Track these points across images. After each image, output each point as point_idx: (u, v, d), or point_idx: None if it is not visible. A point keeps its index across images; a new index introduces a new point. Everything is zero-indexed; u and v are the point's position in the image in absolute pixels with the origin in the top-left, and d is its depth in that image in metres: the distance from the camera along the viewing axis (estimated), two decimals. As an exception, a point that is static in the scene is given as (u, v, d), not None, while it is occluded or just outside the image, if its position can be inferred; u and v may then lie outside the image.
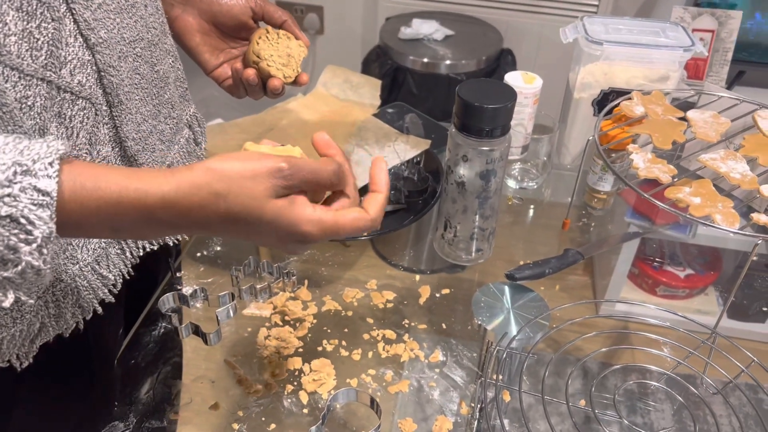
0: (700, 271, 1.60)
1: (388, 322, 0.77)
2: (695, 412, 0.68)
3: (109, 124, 0.56)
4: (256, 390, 0.68)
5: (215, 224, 0.45)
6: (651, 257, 1.67)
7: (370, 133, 1.00)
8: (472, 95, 0.73)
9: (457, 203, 0.81)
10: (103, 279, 0.59)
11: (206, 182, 0.43)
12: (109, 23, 0.53)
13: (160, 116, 0.63)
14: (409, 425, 0.65)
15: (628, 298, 1.70)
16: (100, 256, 0.58)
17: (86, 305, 0.57)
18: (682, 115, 0.84)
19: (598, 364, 0.75)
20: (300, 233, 0.47)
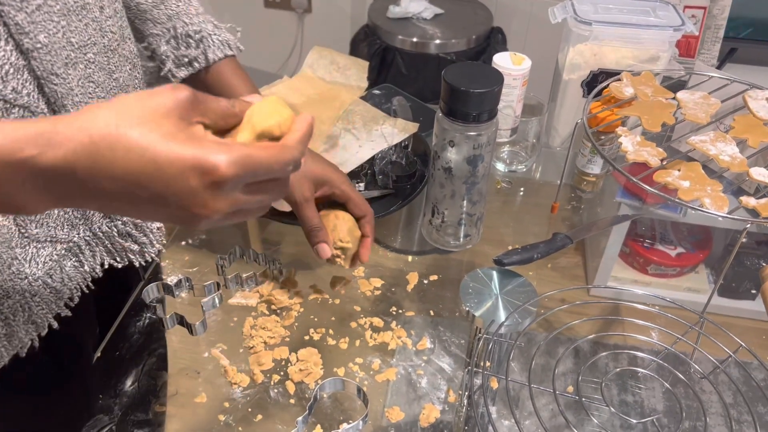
0: (691, 249, 1.60)
1: (376, 309, 0.76)
2: (685, 395, 0.68)
3: None
4: (242, 381, 0.67)
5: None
6: (642, 236, 1.67)
7: (358, 116, 0.99)
8: (459, 79, 0.72)
9: (444, 189, 0.80)
10: (56, 293, 0.57)
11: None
12: (51, 26, 0.49)
13: None
14: (396, 414, 0.65)
15: (619, 277, 1.71)
16: (52, 269, 0.56)
17: (40, 321, 0.55)
18: (672, 96, 0.83)
19: (588, 348, 0.75)
20: (202, 166, 0.35)
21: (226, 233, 0.88)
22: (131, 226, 0.62)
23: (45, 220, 0.55)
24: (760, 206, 0.68)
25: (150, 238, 0.65)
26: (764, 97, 0.82)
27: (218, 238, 0.86)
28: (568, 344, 0.72)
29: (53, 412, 0.64)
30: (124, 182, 0.35)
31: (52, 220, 0.55)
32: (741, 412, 0.70)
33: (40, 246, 0.55)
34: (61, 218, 0.56)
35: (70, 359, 0.67)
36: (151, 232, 0.65)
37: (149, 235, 0.65)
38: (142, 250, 0.64)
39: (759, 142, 0.76)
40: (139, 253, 0.64)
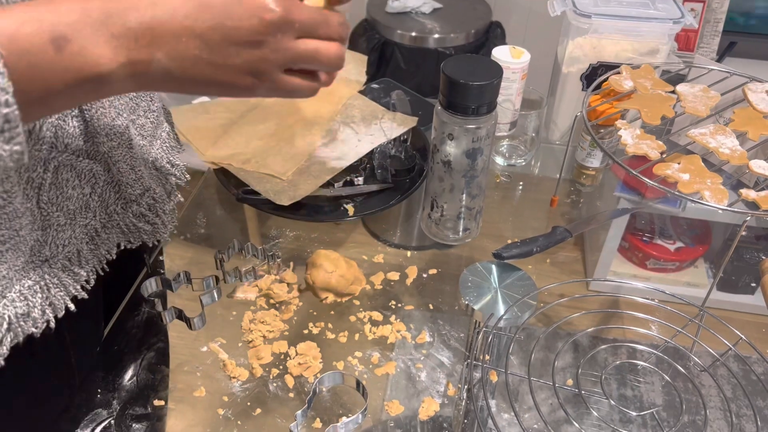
0: (690, 243, 1.60)
1: (375, 303, 0.76)
2: (684, 388, 0.68)
3: (79, 117, 0.54)
4: (241, 375, 0.67)
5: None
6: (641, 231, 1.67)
7: (356, 110, 0.98)
8: (458, 72, 0.72)
9: (443, 182, 0.80)
10: (75, 275, 0.57)
11: None
12: None
13: (139, 109, 0.61)
14: (395, 407, 0.65)
15: (618, 272, 1.71)
16: (70, 252, 0.57)
17: (58, 303, 0.56)
18: (672, 89, 0.83)
19: (587, 342, 0.75)
20: (262, 5, 0.42)
21: (224, 228, 0.88)
22: (145, 207, 0.63)
23: (65, 203, 0.55)
24: (760, 199, 0.68)
25: (163, 220, 0.65)
26: (764, 90, 0.82)
27: (217, 233, 0.86)
28: (567, 338, 0.72)
29: (52, 406, 0.64)
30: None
31: (72, 203, 0.56)
32: (740, 406, 0.70)
33: (60, 229, 0.56)
34: (80, 200, 0.57)
35: (77, 355, 0.67)
36: (164, 213, 0.66)
37: (162, 216, 0.65)
38: (154, 230, 0.65)
39: (759, 135, 0.76)
40: (152, 233, 0.65)
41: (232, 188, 0.85)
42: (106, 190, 0.59)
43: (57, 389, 0.64)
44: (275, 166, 0.86)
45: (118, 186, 0.59)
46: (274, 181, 0.84)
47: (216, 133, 0.92)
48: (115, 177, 0.59)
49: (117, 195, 0.60)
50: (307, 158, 0.88)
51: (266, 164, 0.87)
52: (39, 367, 0.61)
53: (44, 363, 0.61)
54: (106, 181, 0.59)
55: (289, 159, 0.88)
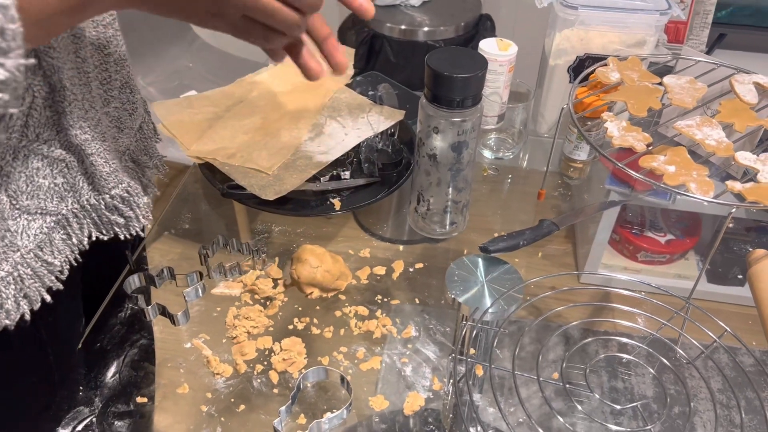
0: (680, 236, 1.60)
1: (361, 298, 0.75)
2: (671, 381, 0.68)
3: (52, 108, 0.53)
4: (224, 371, 0.67)
5: None
6: (632, 223, 1.67)
7: (343, 104, 0.98)
8: (442, 65, 0.71)
9: (429, 176, 0.79)
10: (48, 266, 0.56)
11: None
12: None
13: (114, 101, 0.60)
14: (380, 402, 0.65)
15: (609, 264, 1.71)
16: (42, 242, 0.56)
17: (32, 294, 0.55)
18: (659, 80, 0.82)
19: (574, 335, 0.74)
20: None
21: (209, 223, 0.87)
22: (119, 199, 0.62)
23: (35, 192, 0.55)
24: (745, 191, 0.68)
25: (136, 213, 0.64)
26: (750, 81, 0.81)
27: (201, 228, 0.85)
28: (554, 331, 0.71)
29: (31, 405, 0.63)
30: None
31: (43, 192, 0.55)
32: (728, 398, 0.70)
33: (30, 218, 0.55)
34: (51, 190, 0.56)
35: (56, 354, 0.66)
36: (137, 207, 0.64)
37: (135, 209, 0.64)
38: (127, 224, 0.64)
39: (745, 127, 0.76)
40: (125, 226, 0.64)
41: (217, 183, 0.84)
42: (79, 180, 0.58)
43: (35, 387, 0.63)
44: (261, 161, 0.85)
45: (91, 177, 0.59)
46: (259, 175, 0.84)
47: (201, 127, 0.91)
48: (88, 168, 0.58)
49: (90, 186, 0.60)
50: (293, 152, 0.88)
51: (251, 159, 0.86)
52: (15, 365, 0.60)
53: (20, 361, 0.60)
54: (80, 171, 0.58)
55: (274, 153, 0.87)
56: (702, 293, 1.57)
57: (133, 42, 1.57)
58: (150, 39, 1.57)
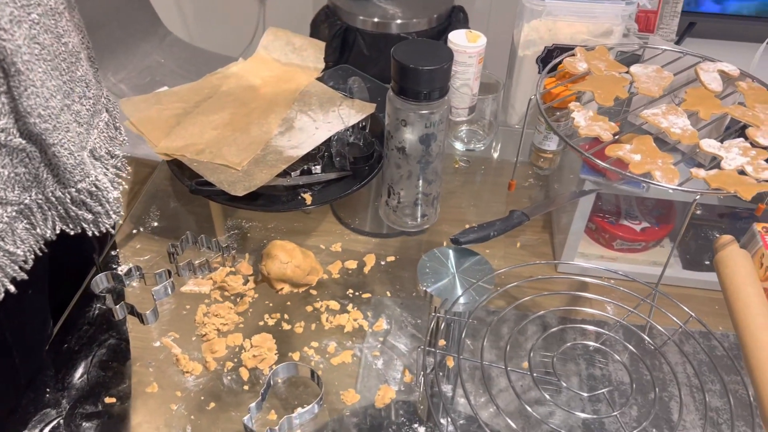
0: (655, 224, 1.61)
1: (332, 293, 0.75)
2: (637, 368, 0.69)
3: (8, 94, 0.52)
4: (194, 369, 0.66)
5: None
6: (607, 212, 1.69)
7: (314, 98, 0.97)
8: (408, 57, 0.71)
9: (399, 169, 0.79)
10: (10, 255, 0.56)
11: None
12: None
13: (74, 95, 0.59)
14: (351, 396, 0.65)
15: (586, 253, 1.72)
16: (3, 232, 0.55)
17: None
18: (626, 70, 0.83)
19: (543, 324, 0.75)
20: None
21: (178, 220, 0.86)
22: (86, 194, 0.61)
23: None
24: (709, 177, 0.68)
25: (106, 209, 0.63)
26: (715, 69, 0.82)
27: (170, 225, 0.84)
28: (522, 320, 0.72)
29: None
30: None
31: (2, 182, 0.54)
32: (695, 383, 0.71)
33: None
34: (12, 180, 0.55)
35: (20, 354, 0.66)
36: (107, 202, 0.63)
37: (105, 205, 0.63)
38: (96, 219, 0.63)
39: (710, 114, 0.77)
40: (93, 222, 0.63)
41: (185, 180, 0.83)
42: (43, 172, 0.57)
43: (0, 391, 0.63)
44: (230, 156, 0.85)
45: (56, 169, 0.58)
46: (228, 171, 0.83)
47: (169, 123, 0.90)
48: (51, 159, 0.57)
49: (55, 178, 0.59)
50: (262, 147, 0.87)
51: (220, 154, 0.85)
52: None
53: None
54: (43, 162, 0.57)
55: (244, 149, 0.86)
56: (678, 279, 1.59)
57: (103, 38, 1.55)
58: (120, 35, 1.55)
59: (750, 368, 0.62)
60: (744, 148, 0.71)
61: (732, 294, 0.69)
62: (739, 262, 0.71)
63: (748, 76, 0.82)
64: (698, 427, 0.65)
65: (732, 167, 0.69)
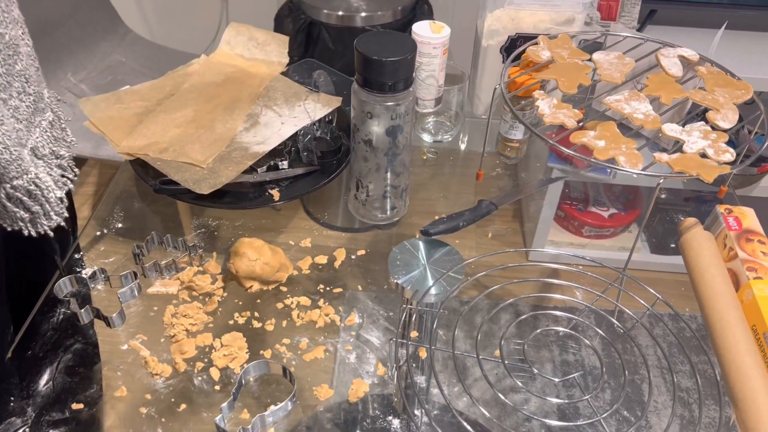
0: (623, 210, 1.64)
1: (303, 288, 0.75)
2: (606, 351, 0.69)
3: None
4: (164, 371, 0.65)
5: None
6: (575, 200, 1.71)
7: (279, 92, 0.96)
8: (371, 49, 0.70)
9: (367, 162, 0.79)
10: None
11: None
12: None
13: (11, 89, 0.58)
14: (324, 391, 0.64)
15: (556, 241, 1.74)
16: None
17: None
18: (588, 57, 0.84)
19: (514, 312, 0.75)
20: None
21: (143, 221, 0.85)
22: (23, 192, 0.59)
23: None
24: (672, 161, 0.69)
25: (45, 209, 0.61)
26: (675, 55, 0.83)
27: (136, 226, 0.83)
28: (494, 309, 0.72)
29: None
30: None
31: None
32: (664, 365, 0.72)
33: None
34: None
35: None
36: (47, 202, 0.61)
37: (45, 205, 0.61)
38: (33, 219, 0.60)
39: (671, 99, 0.78)
40: (30, 221, 0.60)
41: (149, 179, 0.82)
42: None
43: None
44: (194, 154, 0.83)
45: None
46: (193, 169, 0.82)
47: (130, 122, 0.88)
48: None
49: None
50: (227, 144, 0.86)
51: (184, 152, 0.84)
52: None
53: None
54: None
55: (208, 146, 0.85)
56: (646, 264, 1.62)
57: (61, 38, 1.51)
58: (79, 34, 1.51)
59: (716, 348, 0.63)
60: (705, 131, 0.73)
61: (697, 276, 0.70)
62: (703, 244, 0.73)
63: (707, 61, 0.83)
64: (668, 407, 0.66)
65: (694, 150, 0.70)
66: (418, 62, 0.93)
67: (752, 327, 0.64)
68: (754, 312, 0.65)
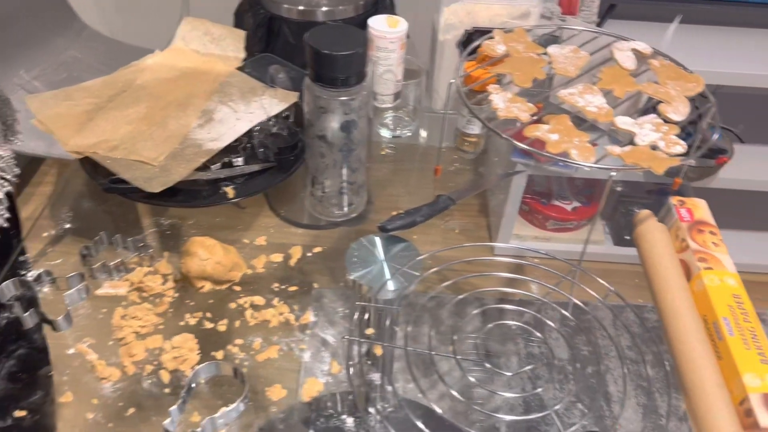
0: (586, 203, 1.65)
1: (256, 288, 0.73)
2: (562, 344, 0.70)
3: None
4: (112, 375, 0.63)
5: None
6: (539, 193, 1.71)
7: (235, 88, 0.94)
8: (323, 43, 0.69)
9: (324, 158, 0.78)
10: None
11: None
12: None
13: None
14: (277, 391, 0.63)
15: (521, 235, 1.75)
16: None
17: None
18: (544, 51, 0.84)
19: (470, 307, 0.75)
20: None
21: (93, 221, 0.83)
22: None
23: None
24: (624, 154, 0.69)
25: None
26: (629, 48, 0.84)
27: (85, 227, 0.80)
28: (450, 304, 0.72)
29: None
30: None
31: None
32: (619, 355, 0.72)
33: None
34: None
35: None
36: None
37: None
38: None
39: (624, 92, 0.78)
40: None
41: (99, 178, 0.80)
42: None
43: None
44: (145, 152, 0.81)
45: None
46: (144, 167, 0.80)
47: (80, 120, 0.86)
48: None
49: None
50: (180, 141, 0.84)
51: (136, 150, 0.82)
52: None
53: None
54: None
55: (160, 143, 0.83)
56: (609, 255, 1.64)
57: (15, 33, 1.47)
58: (33, 30, 1.47)
59: (668, 338, 0.63)
60: (657, 124, 0.73)
61: (650, 267, 0.71)
62: (656, 235, 0.73)
63: (660, 54, 0.84)
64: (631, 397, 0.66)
65: (645, 143, 0.71)
66: (375, 57, 0.93)
67: (703, 317, 0.65)
68: (704, 302, 0.65)
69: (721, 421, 0.55)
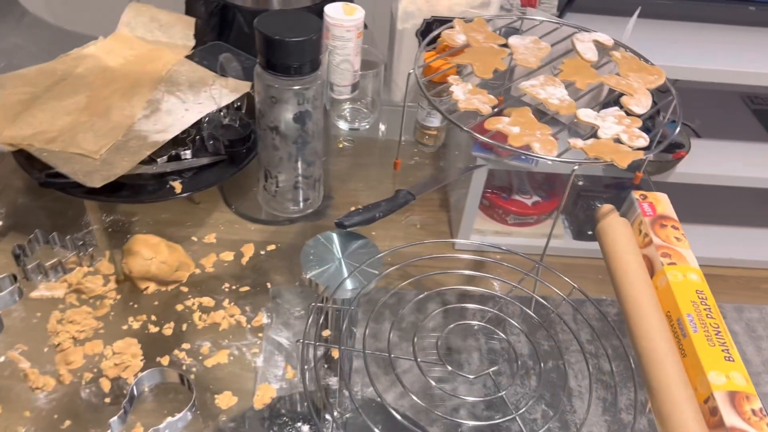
0: (546, 197, 1.65)
1: (205, 288, 0.69)
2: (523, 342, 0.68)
3: None
4: (46, 384, 0.59)
5: None
6: (499, 188, 1.71)
7: (183, 77, 0.90)
8: (273, 29, 0.65)
9: (277, 151, 0.74)
10: None
11: None
12: None
13: None
14: (227, 399, 0.60)
15: (482, 230, 1.73)
16: None
17: None
18: (504, 42, 0.81)
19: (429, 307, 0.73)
20: None
21: (28, 218, 0.77)
22: None
23: None
24: (587, 147, 0.68)
25: None
26: (590, 40, 0.82)
27: (19, 225, 0.75)
28: (410, 304, 0.69)
29: None
30: None
31: None
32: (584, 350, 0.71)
33: None
34: None
35: None
36: None
37: None
38: None
39: (586, 84, 0.76)
40: None
41: (35, 172, 0.74)
42: None
43: None
44: (86, 144, 0.76)
45: None
46: (84, 161, 0.75)
47: (14, 110, 0.80)
48: None
49: None
50: (124, 133, 0.79)
51: (75, 142, 0.76)
52: None
53: None
54: None
55: (102, 135, 0.78)
56: (569, 250, 1.64)
57: (-51, 19, 1.38)
58: (-32, 15, 1.39)
59: (631, 335, 0.62)
60: (619, 116, 0.72)
61: (613, 262, 0.69)
62: (618, 230, 0.72)
63: (621, 46, 0.83)
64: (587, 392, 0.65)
65: (608, 136, 0.69)
66: (331, 46, 0.89)
67: (667, 313, 0.64)
68: (668, 298, 0.64)
69: (687, 421, 0.54)
